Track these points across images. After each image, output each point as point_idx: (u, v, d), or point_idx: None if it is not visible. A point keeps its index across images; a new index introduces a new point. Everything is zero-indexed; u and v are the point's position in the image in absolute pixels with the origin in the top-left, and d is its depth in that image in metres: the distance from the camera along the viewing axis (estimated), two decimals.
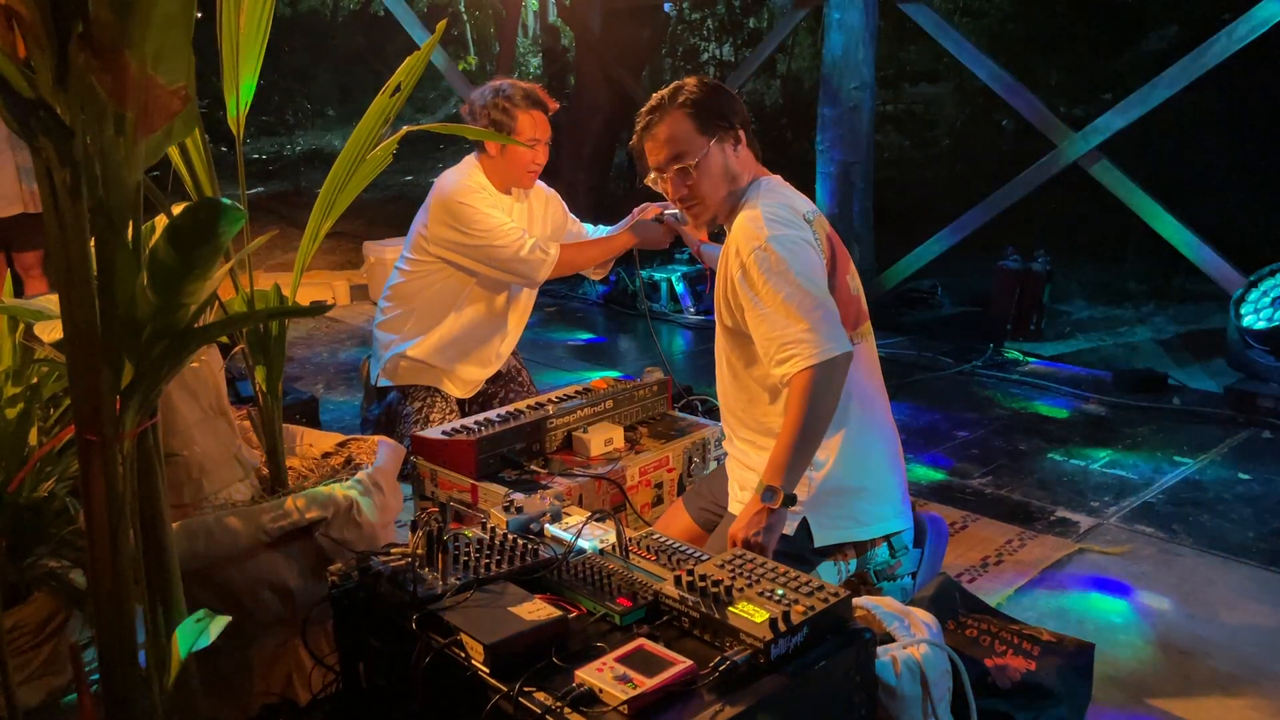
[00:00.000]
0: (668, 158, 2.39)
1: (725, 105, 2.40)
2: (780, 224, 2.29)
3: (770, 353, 2.23)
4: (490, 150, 3.38)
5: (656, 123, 2.40)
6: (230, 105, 2.15)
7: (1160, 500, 3.54)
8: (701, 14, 12.21)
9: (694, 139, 2.36)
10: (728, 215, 2.43)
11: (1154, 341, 5.70)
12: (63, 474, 2.18)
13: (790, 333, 2.17)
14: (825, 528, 2.33)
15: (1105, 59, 10.03)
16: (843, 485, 2.35)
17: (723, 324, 2.46)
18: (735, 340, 2.43)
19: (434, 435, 2.78)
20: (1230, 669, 2.52)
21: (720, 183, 2.39)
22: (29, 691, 2.03)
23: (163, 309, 1.31)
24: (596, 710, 1.51)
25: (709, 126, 2.37)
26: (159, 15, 1.24)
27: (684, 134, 2.36)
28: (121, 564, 1.39)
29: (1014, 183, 5.57)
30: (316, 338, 5.91)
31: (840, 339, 2.18)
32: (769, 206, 2.33)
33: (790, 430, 2.17)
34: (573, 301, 6.85)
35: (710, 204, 2.42)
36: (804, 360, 2.15)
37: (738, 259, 2.29)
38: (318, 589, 2.19)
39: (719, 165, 2.38)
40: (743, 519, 2.18)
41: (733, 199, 2.42)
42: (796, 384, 2.16)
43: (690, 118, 2.36)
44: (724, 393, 2.55)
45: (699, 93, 2.38)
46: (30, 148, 1.26)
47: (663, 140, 2.39)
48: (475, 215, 3.31)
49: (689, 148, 2.36)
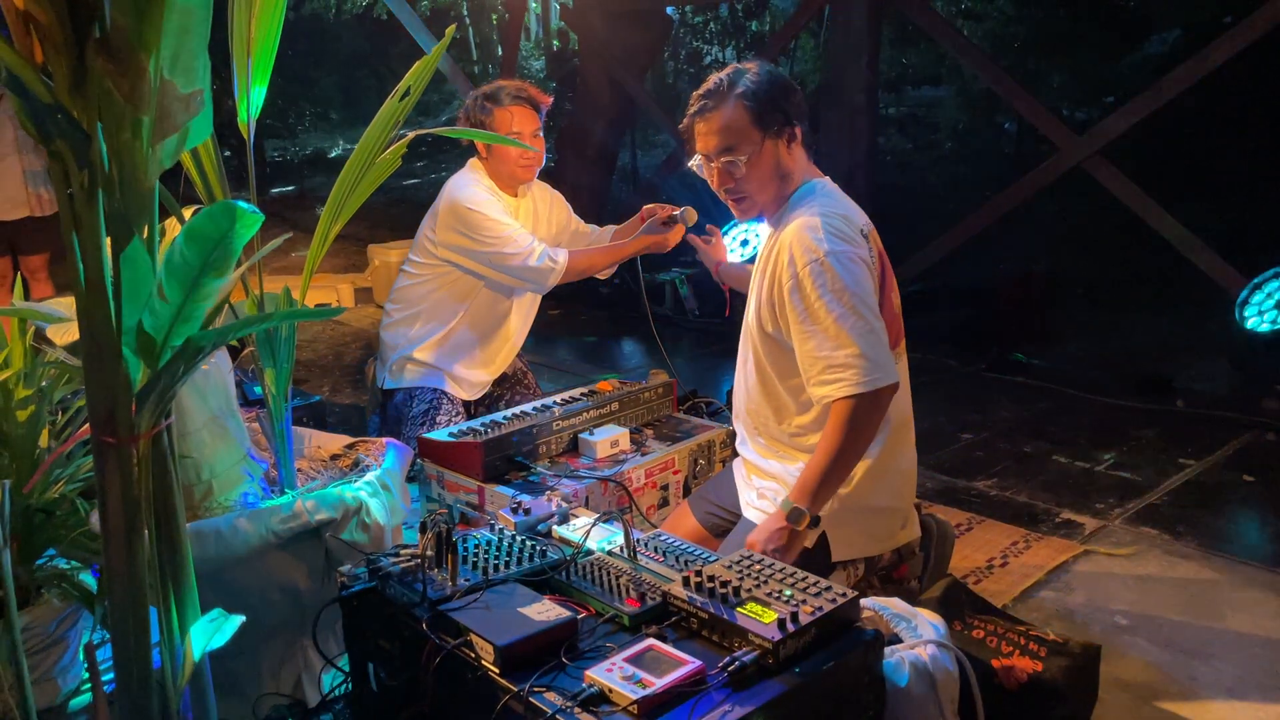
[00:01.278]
0: (718, 147, 2.28)
1: (785, 100, 2.28)
2: (840, 238, 2.20)
3: (813, 372, 2.17)
4: (480, 151, 3.43)
5: (711, 109, 2.28)
6: (241, 110, 2.16)
7: (1165, 502, 3.54)
8: (704, 17, 12.24)
9: (748, 132, 2.25)
10: (774, 212, 2.35)
11: (1158, 344, 5.70)
12: (73, 476, 2.19)
13: (838, 356, 2.12)
14: (844, 543, 2.33)
15: (1108, 62, 10.04)
16: (867, 504, 2.34)
17: (761, 330, 2.36)
18: (772, 348, 2.35)
19: (441, 437, 2.79)
20: (1236, 670, 2.52)
21: (770, 180, 2.30)
22: (41, 692, 2.04)
23: (178, 311, 1.32)
24: (606, 710, 1.52)
25: (766, 121, 2.25)
26: (175, 20, 1.25)
27: (739, 126, 2.25)
28: (137, 565, 1.40)
29: (1017, 185, 5.58)
30: (322, 340, 5.93)
31: (888, 368, 2.13)
32: (830, 217, 2.23)
33: (825, 455, 2.14)
34: (577, 305, 6.86)
35: (757, 200, 2.33)
36: (849, 387, 2.11)
37: (791, 268, 2.21)
38: (327, 590, 2.20)
39: (771, 162, 2.28)
40: (764, 532, 2.18)
41: (781, 197, 2.33)
42: (838, 410, 2.13)
43: (747, 110, 2.24)
44: (747, 397, 2.48)
45: (760, 84, 2.26)
46: (48, 151, 1.27)
47: (715, 129, 2.27)
48: (485, 222, 3.32)
49: (742, 141, 2.25)
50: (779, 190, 2.31)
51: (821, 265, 2.15)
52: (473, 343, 3.57)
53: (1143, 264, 6.84)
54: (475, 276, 3.46)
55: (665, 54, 11.46)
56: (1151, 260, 6.67)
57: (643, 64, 8.06)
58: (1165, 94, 4.94)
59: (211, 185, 2.19)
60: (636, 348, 6.02)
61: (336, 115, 18.57)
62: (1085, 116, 8.79)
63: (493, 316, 3.58)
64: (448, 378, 3.56)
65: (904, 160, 12.24)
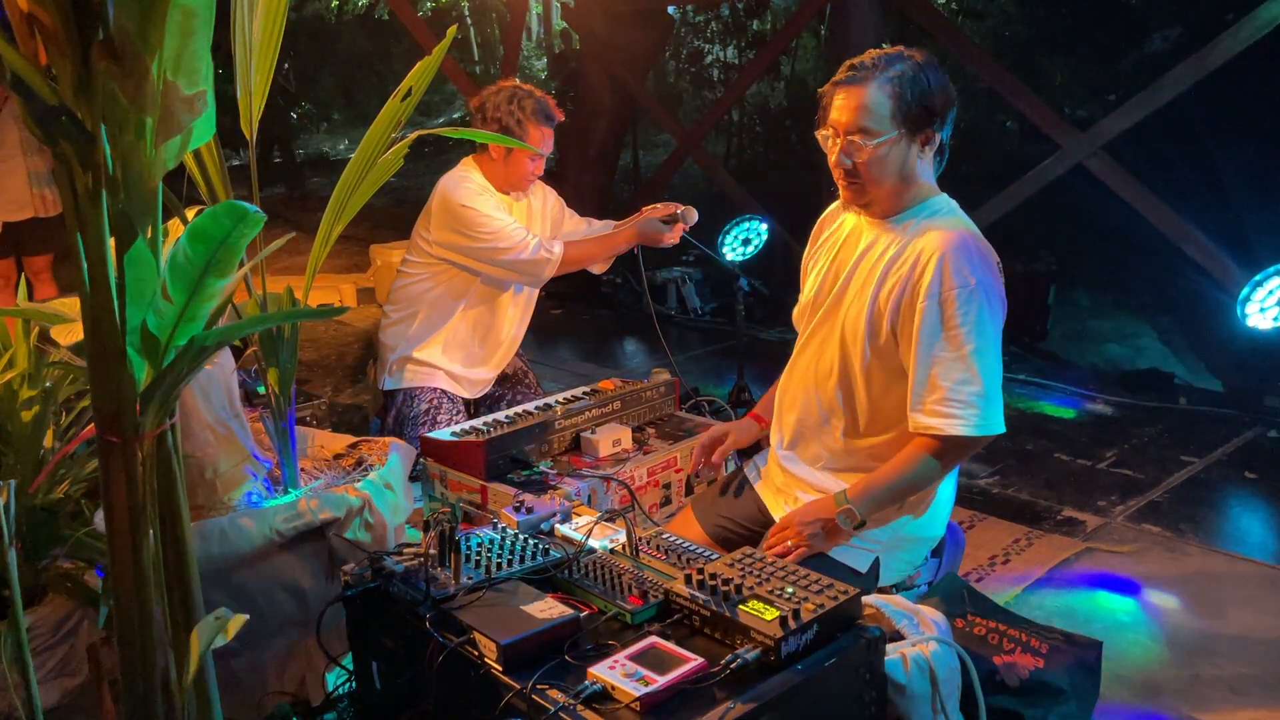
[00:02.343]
0: (850, 124, 2.12)
1: (936, 101, 2.13)
2: (992, 273, 2.12)
3: (929, 399, 2.09)
4: (494, 154, 3.41)
5: (858, 82, 2.12)
6: (244, 110, 2.17)
7: (1167, 499, 3.55)
8: (705, 17, 12.23)
9: (886, 121, 2.10)
10: (889, 211, 2.21)
11: (1159, 341, 5.70)
12: (77, 476, 2.20)
13: (963, 392, 2.05)
14: (893, 569, 2.31)
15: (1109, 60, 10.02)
16: (921, 536, 2.33)
17: (872, 337, 2.19)
18: (878, 358, 2.19)
19: (443, 436, 2.79)
20: (1238, 666, 2.53)
21: (890, 175, 2.15)
22: (46, 691, 2.05)
23: (182, 311, 1.33)
24: (609, 708, 1.53)
25: (910, 115, 2.11)
26: (178, 22, 1.26)
27: (879, 111, 2.10)
28: (141, 564, 1.41)
29: (1019, 183, 5.57)
30: (325, 340, 5.93)
31: (999, 418, 2.09)
32: (983, 245, 2.15)
33: (900, 476, 2.13)
34: (580, 304, 6.86)
35: (869, 190, 2.17)
36: (964, 428, 2.05)
37: (937, 282, 2.08)
38: (331, 589, 2.21)
39: (899, 158, 2.14)
40: (809, 513, 2.17)
41: (898, 197, 2.19)
42: (934, 444, 2.09)
43: (895, 97, 2.09)
44: (816, 405, 2.32)
45: (916, 74, 2.10)
46: (53, 153, 1.28)
47: (855, 105, 2.11)
48: (479, 218, 3.33)
49: (877, 126, 2.10)
50: (895, 189, 2.17)
51: (972, 293, 2.06)
52: (471, 340, 3.58)
53: (1144, 261, 6.83)
54: (471, 273, 3.47)
55: (666, 54, 11.45)
56: (1153, 257, 6.65)
57: (644, 64, 8.06)
58: (1166, 91, 4.94)
59: (214, 186, 2.20)
60: (639, 346, 6.02)
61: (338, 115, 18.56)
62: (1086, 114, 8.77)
63: (489, 313, 3.59)
64: (447, 377, 3.56)
65: None
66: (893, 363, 2.18)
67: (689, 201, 3.53)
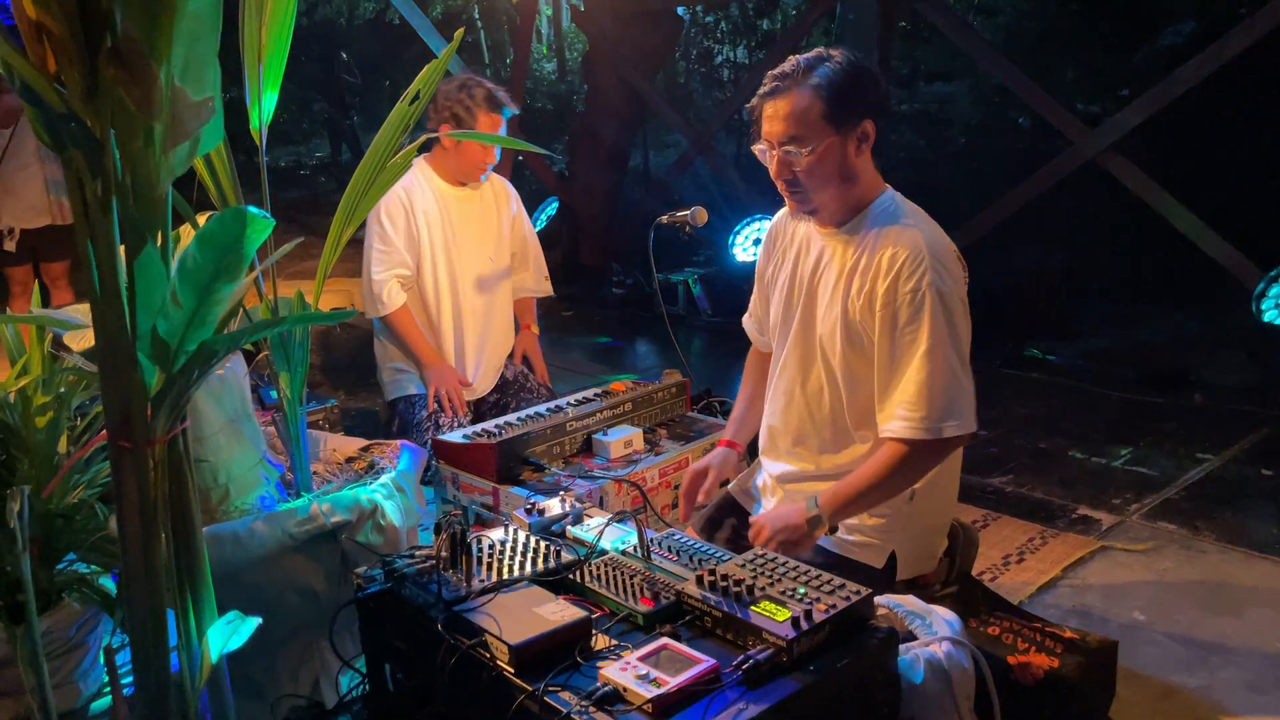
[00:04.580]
0: (782, 135, 2.10)
1: (865, 97, 2.10)
2: (952, 275, 2.10)
3: (891, 402, 2.09)
4: (445, 143, 3.46)
5: (783, 91, 2.09)
6: (253, 116, 2.18)
7: (1182, 497, 3.52)
8: (715, 17, 12.23)
9: (818, 126, 2.07)
10: (841, 217, 2.19)
11: (1174, 337, 5.67)
12: (92, 481, 2.21)
13: (926, 395, 2.04)
14: (909, 562, 2.30)
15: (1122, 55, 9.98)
16: (932, 524, 2.33)
17: (857, 353, 2.18)
18: (867, 369, 2.17)
19: (455, 439, 2.80)
20: (1255, 665, 2.51)
21: (831, 179, 2.12)
22: (62, 696, 2.06)
23: (192, 316, 1.33)
24: (621, 709, 1.53)
25: (839, 116, 2.07)
26: (185, 29, 1.27)
27: (809, 117, 2.07)
28: (154, 568, 1.42)
29: (1031, 180, 5.55)
30: (337, 344, 5.95)
31: (969, 415, 2.07)
32: (942, 245, 2.12)
33: (868, 482, 2.11)
34: (591, 306, 6.87)
35: (813, 197, 2.15)
36: (926, 432, 2.04)
37: (894, 286, 2.07)
38: (343, 592, 2.22)
39: (835, 160, 2.10)
40: (780, 520, 2.17)
41: (843, 199, 2.16)
42: (901, 448, 2.08)
43: (822, 100, 2.06)
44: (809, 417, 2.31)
45: (840, 75, 2.07)
46: (61, 159, 1.29)
47: (783, 114, 2.09)
48: (376, 229, 3.44)
49: (809, 133, 2.07)
50: (839, 191, 2.15)
51: (934, 297, 2.04)
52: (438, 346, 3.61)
53: (1158, 257, 6.79)
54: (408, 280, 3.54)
55: (676, 54, 11.46)
56: (1167, 253, 6.61)
57: (654, 64, 8.06)
58: (1178, 86, 4.91)
59: (225, 191, 2.21)
60: (650, 348, 6.02)
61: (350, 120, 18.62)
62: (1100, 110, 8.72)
63: (429, 326, 3.60)
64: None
65: (917, 157, 12.19)
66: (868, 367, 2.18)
67: (699, 202, 3.53)
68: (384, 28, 14.33)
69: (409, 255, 3.49)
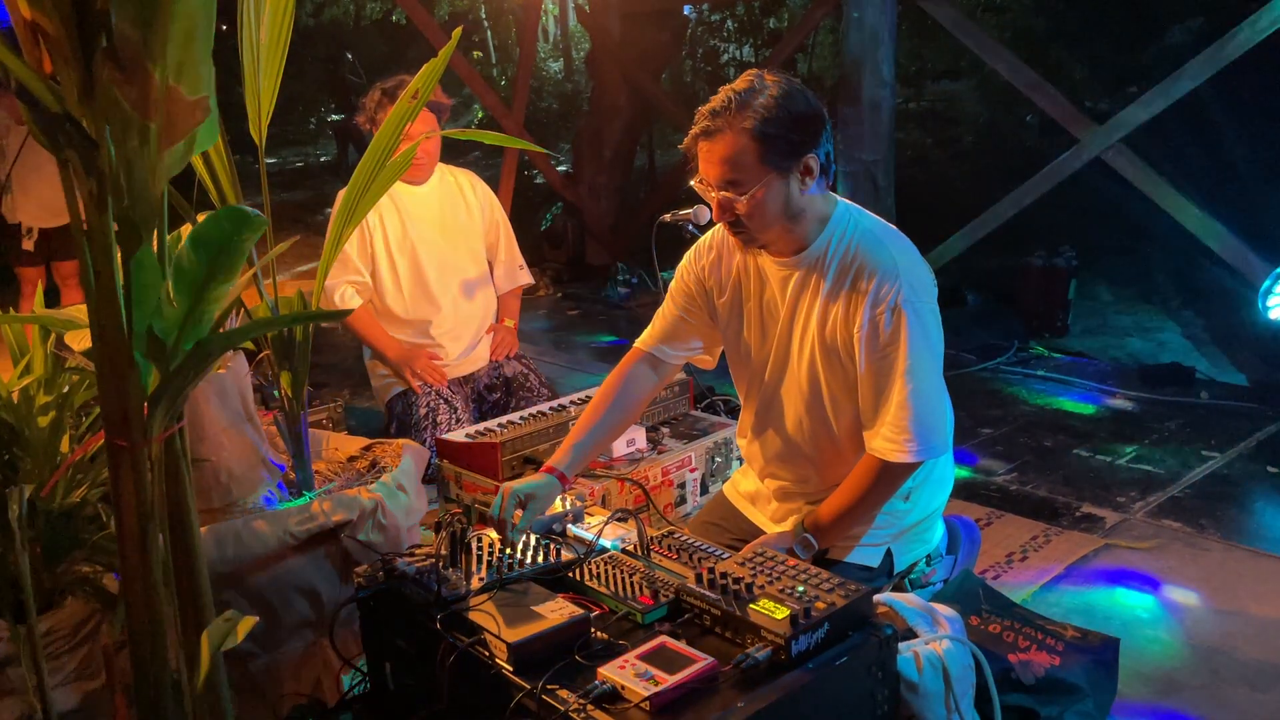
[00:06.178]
0: (719, 179, 2.03)
1: (801, 135, 2.00)
2: (926, 292, 2.09)
3: (876, 421, 2.09)
4: None
5: (715, 133, 2.00)
6: (251, 115, 2.18)
7: (1187, 495, 3.51)
8: (721, 16, 12.22)
9: (754, 169, 1.99)
10: (791, 248, 2.14)
11: (1180, 335, 5.65)
12: (94, 480, 2.21)
13: (904, 416, 2.04)
14: (904, 554, 2.32)
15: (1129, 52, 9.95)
16: (924, 514, 2.34)
17: (840, 379, 2.16)
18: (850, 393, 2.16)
19: (458, 438, 2.80)
20: (1259, 663, 2.50)
21: (776, 218, 2.05)
22: (64, 695, 2.06)
23: (187, 315, 1.34)
24: (619, 707, 1.53)
25: (775, 157, 1.99)
26: (180, 29, 1.27)
27: (744, 160, 1.99)
28: (152, 567, 1.42)
29: (1037, 178, 5.53)
30: (339, 344, 5.96)
31: (945, 437, 2.13)
32: (911, 257, 2.11)
33: (852, 499, 2.14)
34: (595, 305, 6.87)
35: (757, 237, 2.09)
36: (912, 455, 2.06)
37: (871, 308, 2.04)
38: (344, 591, 2.22)
39: (779, 201, 2.03)
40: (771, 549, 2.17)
41: (790, 234, 2.10)
42: (880, 463, 2.10)
43: (756, 142, 1.97)
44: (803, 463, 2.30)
45: (773, 114, 1.96)
46: (58, 160, 1.29)
47: (718, 159, 2.01)
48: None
49: (746, 177, 1.99)
50: (787, 228, 2.08)
51: (900, 314, 2.02)
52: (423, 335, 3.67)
53: (1164, 254, 6.78)
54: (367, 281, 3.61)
55: (682, 53, 11.45)
56: (1173, 250, 6.60)
57: (659, 63, 8.06)
58: (1185, 83, 4.89)
59: (224, 190, 2.22)
60: None
61: None
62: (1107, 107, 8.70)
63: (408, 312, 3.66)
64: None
65: (924, 155, 12.17)
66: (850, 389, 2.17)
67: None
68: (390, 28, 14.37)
69: (362, 263, 3.58)
